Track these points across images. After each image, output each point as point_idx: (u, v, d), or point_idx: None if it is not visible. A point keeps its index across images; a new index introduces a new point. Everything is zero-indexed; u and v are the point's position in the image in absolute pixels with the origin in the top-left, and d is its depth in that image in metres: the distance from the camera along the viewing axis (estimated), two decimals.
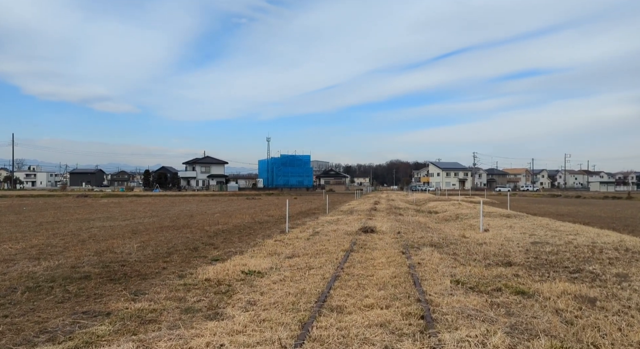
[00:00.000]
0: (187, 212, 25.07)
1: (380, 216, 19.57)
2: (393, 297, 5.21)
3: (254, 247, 10.56)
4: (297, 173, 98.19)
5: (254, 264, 7.97)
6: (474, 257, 8.59)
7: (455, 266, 7.32)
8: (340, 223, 16.26)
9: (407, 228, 13.67)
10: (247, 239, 12.54)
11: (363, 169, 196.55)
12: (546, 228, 13.76)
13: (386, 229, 13.32)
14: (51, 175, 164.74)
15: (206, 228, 15.62)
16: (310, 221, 18.65)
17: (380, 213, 21.75)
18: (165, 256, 9.41)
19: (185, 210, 27.10)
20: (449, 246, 10.11)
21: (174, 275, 7.44)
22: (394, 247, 9.67)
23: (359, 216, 19.27)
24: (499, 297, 5.40)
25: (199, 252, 10.14)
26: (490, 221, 16.58)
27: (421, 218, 19.18)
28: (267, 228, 16.20)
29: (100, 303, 5.64)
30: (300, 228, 15.17)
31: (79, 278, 7.17)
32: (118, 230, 14.85)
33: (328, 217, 20.85)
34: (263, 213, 24.48)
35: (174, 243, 11.44)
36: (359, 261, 7.87)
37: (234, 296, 5.54)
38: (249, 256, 9.20)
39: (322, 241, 10.65)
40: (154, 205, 34.49)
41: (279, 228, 15.41)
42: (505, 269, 7.45)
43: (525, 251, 9.33)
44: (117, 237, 12.53)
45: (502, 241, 10.91)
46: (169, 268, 8.09)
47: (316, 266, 7.32)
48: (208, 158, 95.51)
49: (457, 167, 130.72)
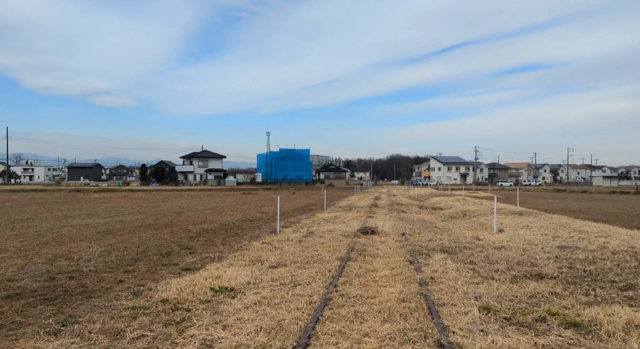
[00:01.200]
0: (177, 208, 23.64)
1: (381, 214, 18.12)
2: (403, 336, 3.76)
3: (237, 252, 9.12)
4: (297, 168, 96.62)
5: (229, 276, 6.53)
6: (496, 267, 7.14)
7: (478, 282, 5.87)
8: (337, 222, 14.81)
9: (412, 229, 12.21)
10: (232, 241, 11.10)
11: (363, 163, 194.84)
12: (568, 228, 12.31)
13: (389, 229, 11.87)
14: (49, 169, 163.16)
15: (190, 227, 14.17)
16: (305, 219, 17.21)
17: (382, 210, 20.30)
18: (128, 264, 7.96)
19: (175, 206, 25.67)
20: (463, 251, 8.66)
21: (128, 291, 5.99)
22: (399, 253, 8.22)
23: (359, 214, 17.82)
24: (548, 334, 3.95)
25: (171, 258, 8.69)
26: (503, 219, 15.12)
27: (426, 216, 17.72)
28: (257, 227, 14.76)
29: (8, 339, 4.20)
30: (293, 228, 13.73)
31: (5, 296, 5.73)
32: (92, 229, 13.41)
33: (325, 214, 19.41)
34: (257, 209, 23.04)
35: (147, 247, 9.99)
36: (357, 274, 6.42)
37: (186, 332, 4.09)
38: (227, 264, 7.76)
39: (315, 245, 9.20)
40: (146, 200, 33.05)
41: (270, 228, 13.97)
42: (537, 284, 6.00)
43: (555, 259, 7.88)
44: (84, 239, 11.08)
45: (523, 244, 9.46)
46: (127, 281, 6.65)
47: (303, 282, 5.86)
48: (206, 152, 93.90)
49: (459, 162, 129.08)
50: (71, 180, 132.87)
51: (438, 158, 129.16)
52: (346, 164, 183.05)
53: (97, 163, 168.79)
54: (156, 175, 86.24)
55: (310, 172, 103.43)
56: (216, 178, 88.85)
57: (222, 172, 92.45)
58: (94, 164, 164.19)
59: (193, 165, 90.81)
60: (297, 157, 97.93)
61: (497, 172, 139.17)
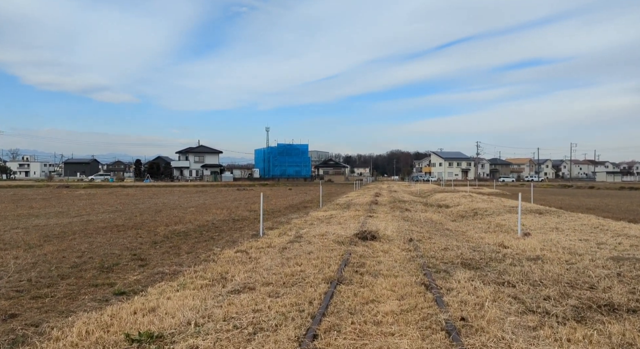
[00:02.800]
0: (160, 206, 21.64)
1: (382, 213, 16.12)
2: None
3: (200, 264, 7.13)
4: (295, 163, 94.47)
5: (168, 309, 4.55)
6: (544, 292, 5.14)
7: (535, 326, 3.86)
8: (332, 222, 12.82)
9: (421, 232, 10.20)
10: (202, 248, 9.10)
11: (363, 159, 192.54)
12: (607, 231, 10.30)
13: (392, 233, 9.87)
14: (45, 165, 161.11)
15: (160, 229, 12.18)
16: (297, 218, 15.23)
17: (383, 208, 18.30)
18: (47, 285, 5.97)
19: (159, 203, 23.67)
20: (490, 265, 6.66)
21: (6, 338, 4.00)
22: (408, 270, 6.22)
23: (357, 213, 15.82)
24: None
25: (110, 275, 6.69)
26: (523, 219, 13.13)
27: (433, 215, 15.70)
28: (239, 228, 12.77)
29: None
30: (280, 229, 11.74)
31: None
32: (43, 231, 11.42)
33: (320, 213, 17.42)
34: (246, 207, 21.06)
35: (91, 256, 8.00)
36: (351, 308, 4.41)
37: None
38: (178, 285, 5.77)
39: (299, 256, 7.20)
40: (131, 197, 31.01)
41: (253, 230, 11.99)
42: (618, 325, 4.02)
43: (617, 277, 5.87)
44: (20, 245, 9.08)
45: (564, 254, 7.46)
46: (20, 317, 4.65)
47: (268, 326, 3.86)
48: (202, 147, 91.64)
49: (460, 157, 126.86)
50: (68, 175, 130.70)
51: (439, 154, 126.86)
52: (346, 160, 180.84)
53: (94, 159, 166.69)
54: (151, 170, 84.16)
55: (309, 167, 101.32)
56: (212, 173, 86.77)
57: (218, 168, 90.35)
58: (91, 160, 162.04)
59: (189, 161, 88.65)
60: (296, 152, 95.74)
61: (498, 167, 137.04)
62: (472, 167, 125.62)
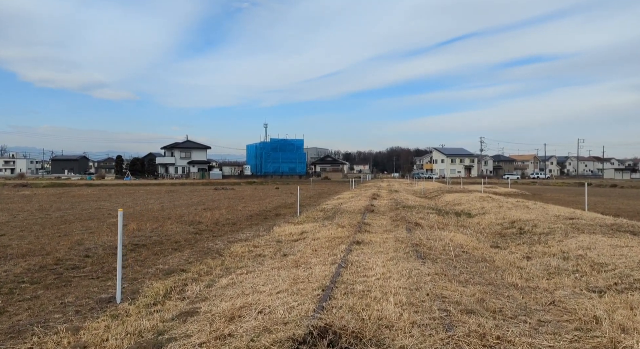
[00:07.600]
0: (86, 214, 15.97)
1: (379, 231, 10.45)
2: None
3: None
4: (289, 159, 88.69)
5: None
6: None
7: None
8: (294, 253, 7.21)
9: (460, 300, 4.52)
10: None
11: (363, 156, 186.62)
12: None
13: (397, 300, 4.26)
14: (31, 162, 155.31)
15: None
16: (242, 242, 9.65)
17: (381, 221, 12.61)
18: None
19: (92, 209, 18.01)
20: None
21: None
22: None
23: (340, 230, 10.13)
24: None
25: None
26: (614, 248, 7.46)
27: (458, 235, 9.95)
28: (107, 272, 7.12)
29: None
30: (197, 269, 6.11)
31: None
32: None
33: (290, 227, 11.84)
34: (199, 215, 15.44)
35: None
36: None
37: None
38: None
39: None
40: (78, 198, 25.32)
41: (132, 276, 6.36)
42: None
43: None
44: None
45: None
46: None
47: None
48: (189, 142, 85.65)
49: (463, 153, 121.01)
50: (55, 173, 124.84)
51: (441, 150, 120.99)
52: (345, 157, 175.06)
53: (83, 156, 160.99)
54: (134, 167, 78.48)
55: (304, 163, 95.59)
56: (200, 170, 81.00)
57: (206, 164, 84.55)
58: (80, 156, 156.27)
59: (174, 157, 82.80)
60: (290, 148, 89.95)
61: (502, 164, 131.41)
62: (475, 164, 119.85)
